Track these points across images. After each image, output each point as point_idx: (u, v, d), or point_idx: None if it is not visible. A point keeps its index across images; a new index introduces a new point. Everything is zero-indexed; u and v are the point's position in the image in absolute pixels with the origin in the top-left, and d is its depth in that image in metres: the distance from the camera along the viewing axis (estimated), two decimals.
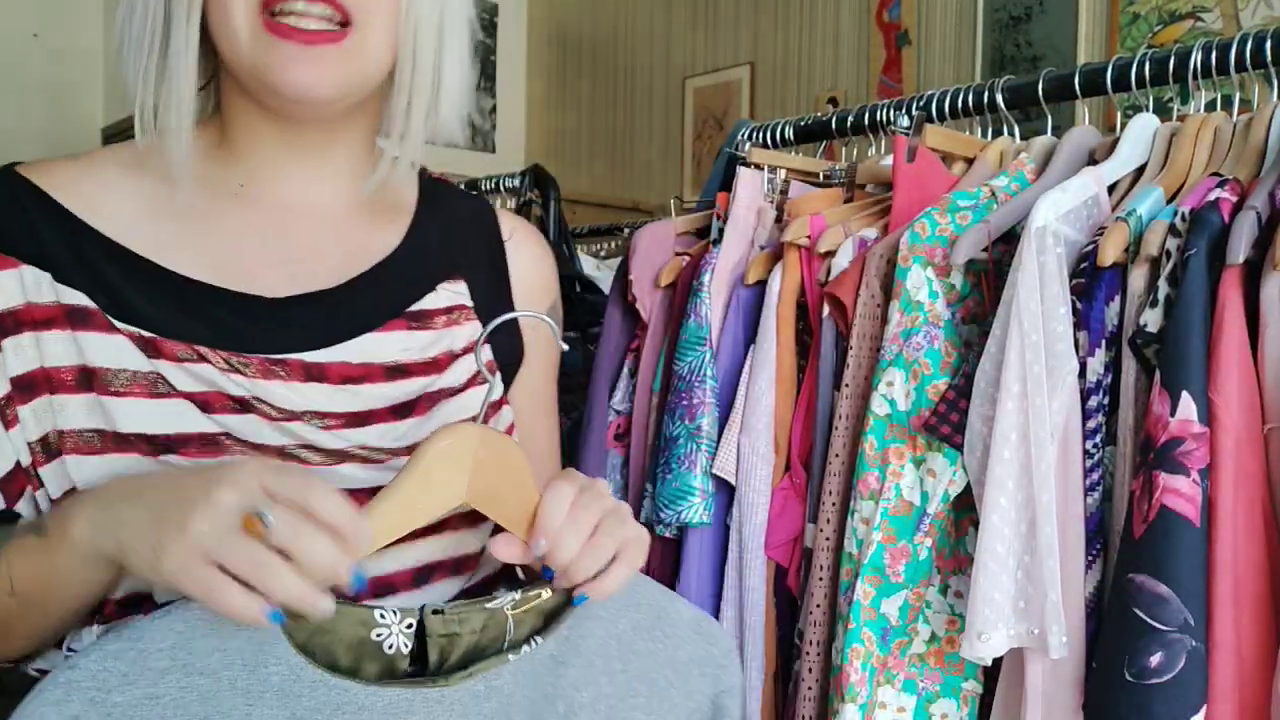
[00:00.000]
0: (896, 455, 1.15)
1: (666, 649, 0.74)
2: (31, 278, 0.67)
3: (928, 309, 1.17)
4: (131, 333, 0.67)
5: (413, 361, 0.75)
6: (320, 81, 0.68)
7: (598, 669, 0.70)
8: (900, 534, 1.14)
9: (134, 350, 0.67)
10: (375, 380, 0.73)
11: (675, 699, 0.74)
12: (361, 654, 0.64)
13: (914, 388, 1.15)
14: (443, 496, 0.66)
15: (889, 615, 1.14)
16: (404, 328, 0.75)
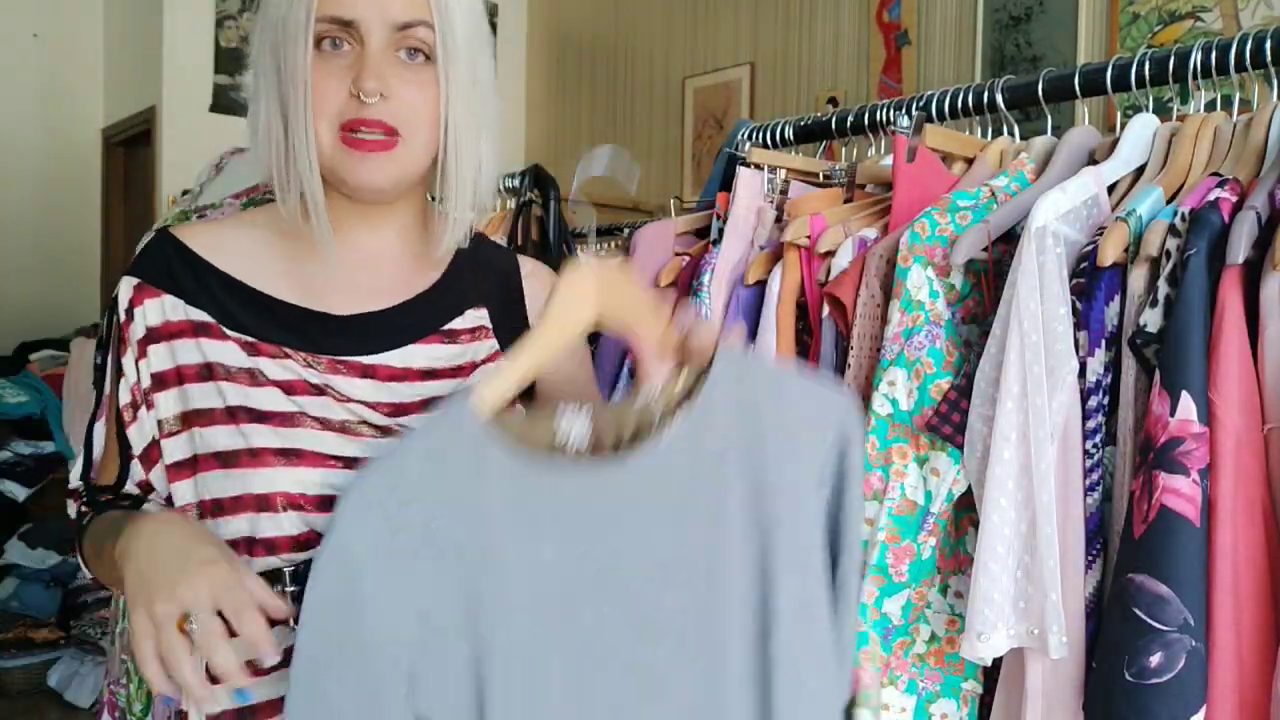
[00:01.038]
0: (900, 455, 1.15)
1: (788, 406, 0.89)
2: (170, 303, 0.96)
3: (929, 308, 1.17)
4: (238, 339, 0.95)
5: (442, 368, 1.00)
6: (382, 179, 0.95)
7: (730, 426, 0.87)
8: (904, 533, 1.14)
9: (239, 351, 0.95)
10: (412, 380, 0.98)
11: (803, 446, 0.88)
12: (552, 449, 0.89)
13: (916, 387, 1.15)
14: (576, 321, 0.90)
15: (891, 614, 1.14)
16: (438, 341, 1.01)
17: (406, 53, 0.94)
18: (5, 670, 3.49)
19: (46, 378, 3.97)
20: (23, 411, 3.82)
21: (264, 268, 0.99)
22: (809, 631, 0.87)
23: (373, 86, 0.91)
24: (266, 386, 0.94)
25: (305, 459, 0.93)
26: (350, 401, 0.96)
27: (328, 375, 0.96)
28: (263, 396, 0.94)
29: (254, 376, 0.94)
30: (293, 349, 0.96)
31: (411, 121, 0.94)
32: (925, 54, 3.32)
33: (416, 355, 1.00)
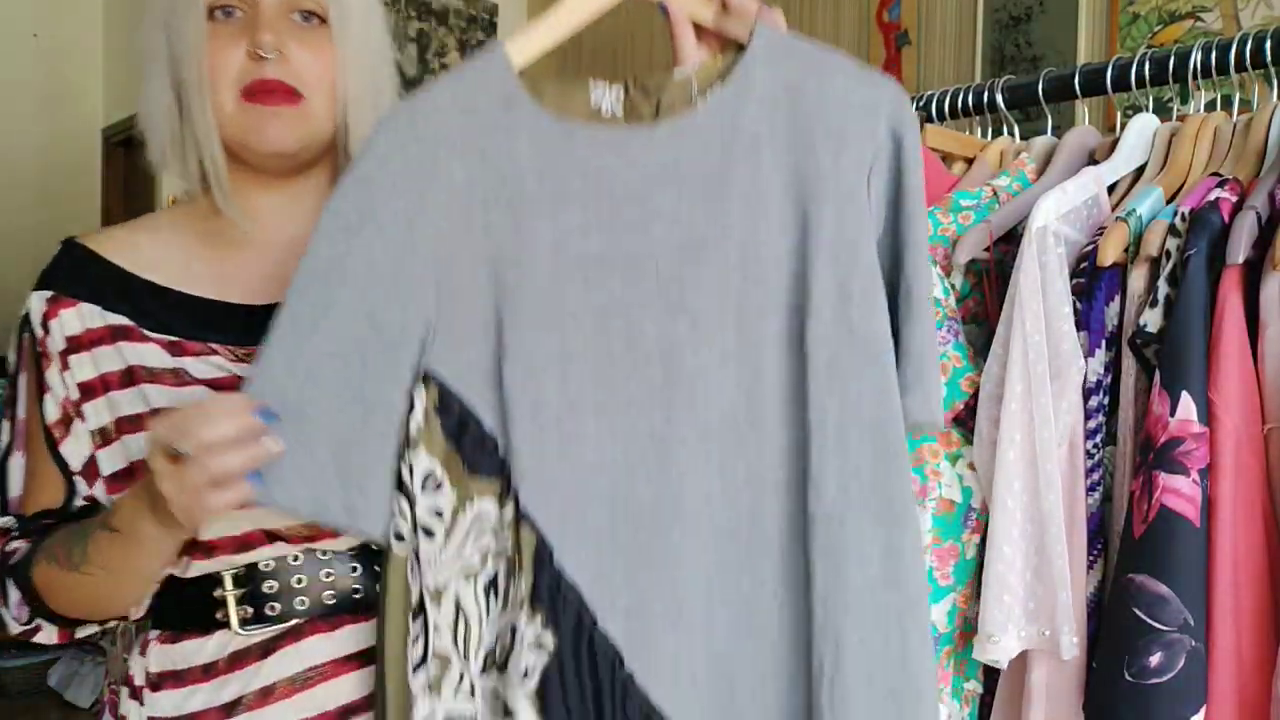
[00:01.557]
0: (931, 454, 1.12)
1: (834, 90, 0.83)
2: (87, 310, 0.93)
3: (943, 305, 1.16)
4: (160, 339, 0.92)
5: None
6: (289, 135, 0.93)
7: (770, 107, 0.83)
8: (945, 534, 1.11)
9: (162, 353, 0.92)
10: None
11: (851, 133, 0.83)
12: (583, 114, 0.85)
13: (944, 383, 1.13)
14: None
15: (936, 623, 1.11)
16: None
17: (300, 15, 0.93)
18: (5, 670, 3.49)
19: None
20: None
21: (180, 267, 0.97)
22: (852, 327, 0.81)
23: (268, 40, 0.90)
24: (192, 385, 0.91)
25: None
26: None
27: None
28: (189, 397, 0.90)
29: (179, 376, 0.91)
30: (219, 344, 0.94)
31: (311, 81, 0.93)
32: (925, 54, 3.32)
33: None
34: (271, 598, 0.91)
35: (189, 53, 0.92)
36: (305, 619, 0.92)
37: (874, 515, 0.80)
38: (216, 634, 0.91)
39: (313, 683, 0.91)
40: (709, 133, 0.83)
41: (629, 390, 0.81)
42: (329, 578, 0.92)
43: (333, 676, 0.92)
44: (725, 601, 0.82)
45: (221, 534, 0.89)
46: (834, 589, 0.79)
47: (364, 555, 0.93)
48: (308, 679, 0.91)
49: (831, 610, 0.79)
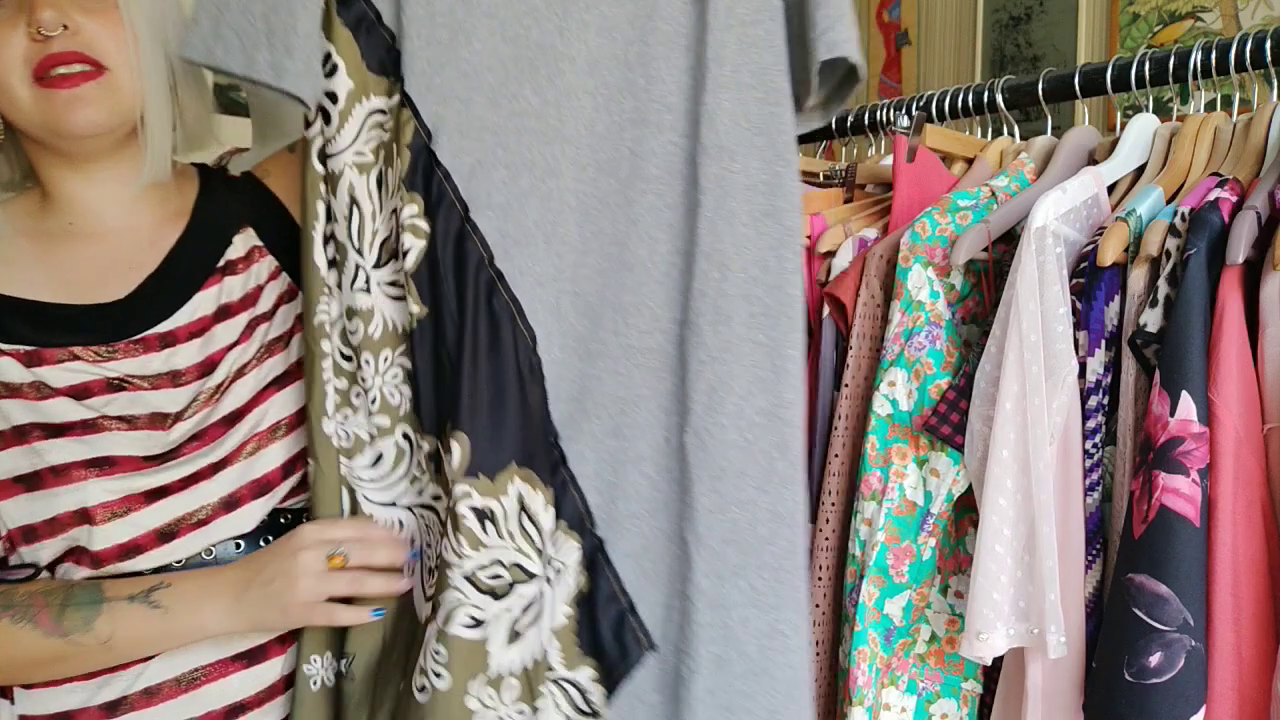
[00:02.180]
0: (899, 455, 1.15)
1: None
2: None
3: (929, 309, 1.17)
4: (14, 351, 0.88)
5: (233, 302, 0.95)
6: (91, 117, 0.88)
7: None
8: (904, 534, 1.14)
9: (17, 365, 0.88)
10: (209, 327, 0.93)
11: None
12: None
13: (916, 387, 1.15)
14: None
15: (892, 616, 1.14)
16: (218, 279, 0.95)
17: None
18: None
19: None
20: None
21: (17, 270, 0.92)
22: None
23: (50, 17, 0.84)
24: (55, 397, 0.87)
25: (120, 465, 0.87)
26: (159, 386, 0.91)
27: (125, 361, 0.90)
28: (53, 408, 0.87)
29: (39, 389, 0.87)
30: (80, 347, 0.90)
31: (109, 49, 0.87)
32: (925, 54, 3.32)
33: (205, 301, 0.94)
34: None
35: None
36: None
37: (759, 151, 0.81)
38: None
39: (199, 683, 0.90)
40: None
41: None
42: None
43: (220, 676, 0.90)
44: (598, 234, 0.83)
45: (110, 543, 0.86)
46: (720, 218, 0.80)
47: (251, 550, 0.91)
48: (194, 679, 0.89)
49: (718, 238, 0.80)
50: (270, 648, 0.92)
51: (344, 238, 0.86)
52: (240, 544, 0.91)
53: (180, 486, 0.89)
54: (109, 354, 0.90)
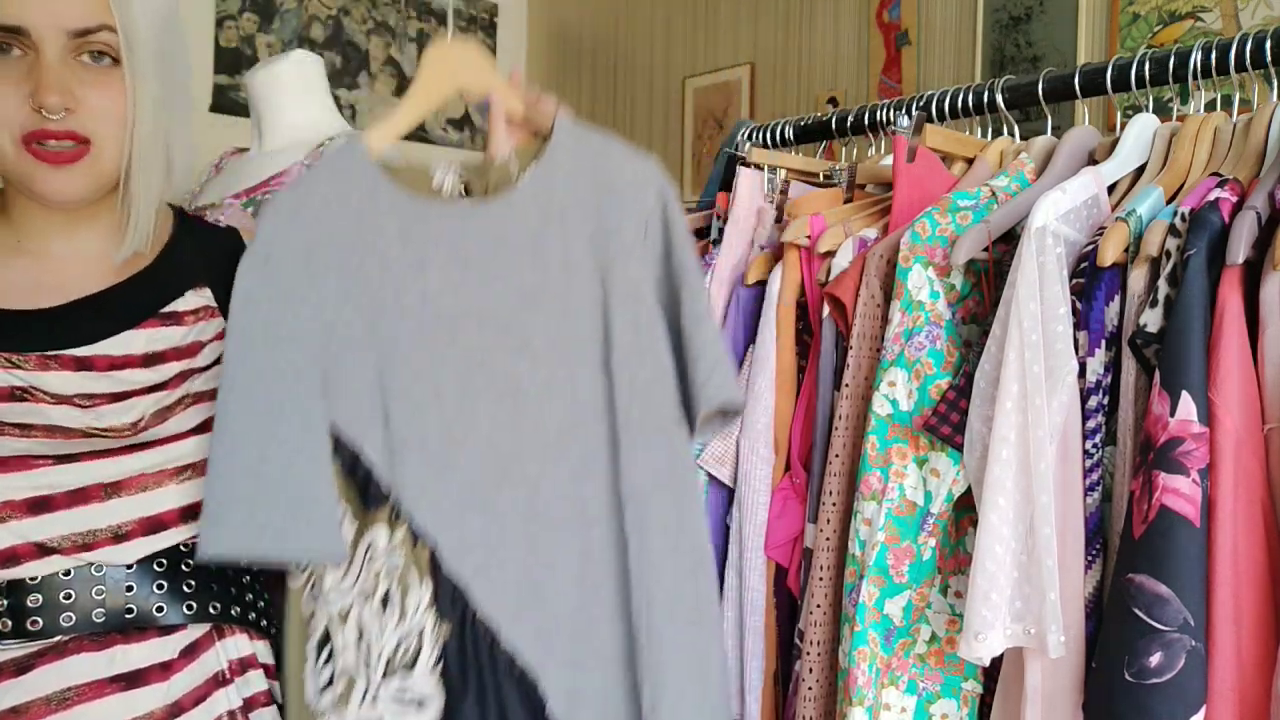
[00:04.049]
0: (899, 455, 1.15)
1: (615, 169, 1.06)
2: None
3: (929, 309, 1.17)
4: None
5: (167, 349, 0.96)
6: (75, 190, 0.90)
7: (571, 184, 1.04)
8: (904, 534, 1.14)
9: None
10: (134, 366, 0.94)
11: (629, 200, 1.05)
12: (428, 192, 1.03)
13: (916, 387, 1.15)
14: (444, 85, 1.06)
15: (892, 616, 1.14)
16: (158, 325, 0.96)
17: (91, 56, 0.88)
18: None
19: None
20: None
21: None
22: (645, 348, 1.02)
23: (55, 102, 0.85)
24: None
25: (6, 465, 0.87)
26: (64, 403, 0.90)
27: (36, 374, 0.90)
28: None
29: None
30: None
31: (102, 129, 0.89)
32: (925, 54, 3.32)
33: (136, 340, 0.94)
34: (35, 612, 0.87)
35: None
36: (71, 636, 0.88)
37: (671, 495, 1.01)
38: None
39: (71, 703, 0.87)
40: (529, 205, 1.03)
41: (490, 420, 0.99)
42: (99, 595, 0.88)
43: (95, 698, 0.87)
44: (574, 579, 1.00)
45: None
46: (641, 553, 0.99)
47: (142, 573, 0.90)
48: (65, 699, 0.87)
49: (643, 569, 0.99)
50: (151, 673, 0.90)
51: (351, 666, 0.96)
52: (132, 565, 0.91)
53: (66, 501, 0.88)
54: (19, 362, 0.90)
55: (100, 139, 0.89)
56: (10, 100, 0.86)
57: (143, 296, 0.97)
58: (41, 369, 0.90)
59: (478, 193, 1.05)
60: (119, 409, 0.92)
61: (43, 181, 0.89)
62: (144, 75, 0.90)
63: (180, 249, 1.03)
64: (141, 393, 0.93)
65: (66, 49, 0.86)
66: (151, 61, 0.90)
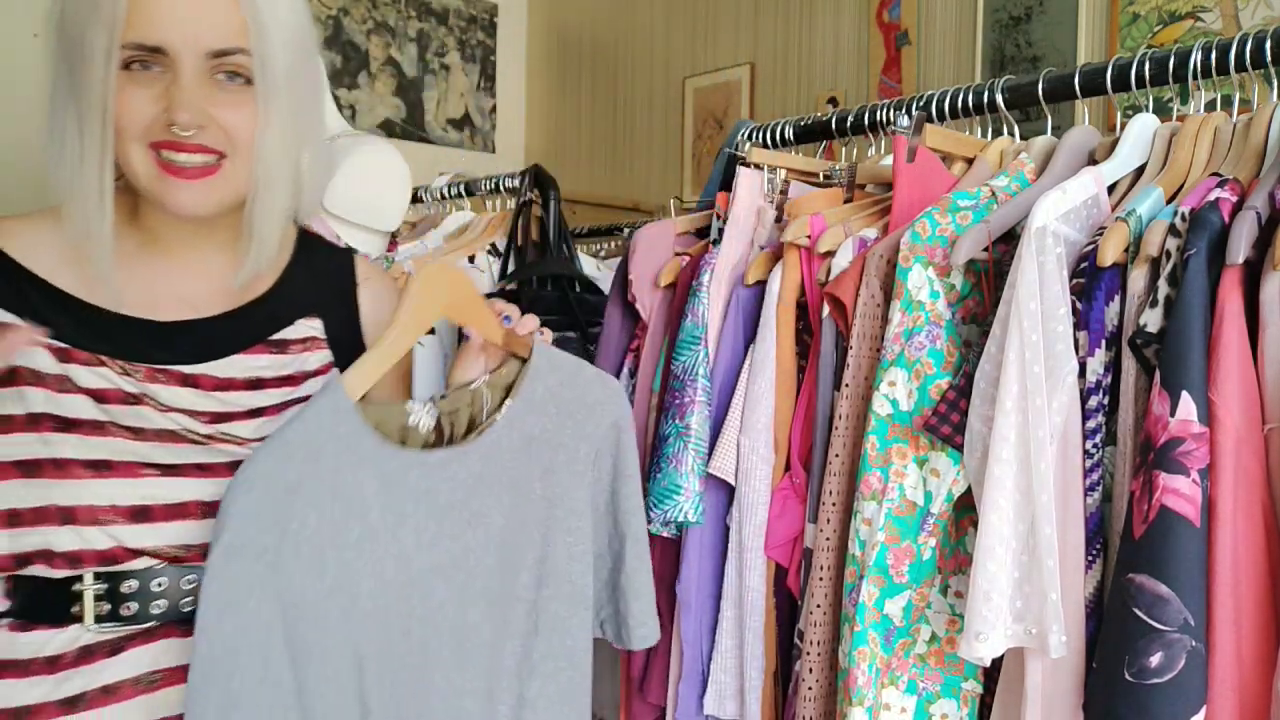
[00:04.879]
0: (899, 455, 1.15)
1: (580, 394, 1.07)
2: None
3: (929, 309, 1.16)
4: (50, 344, 0.91)
5: (269, 377, 1.00)
6: (203, 205, 0.92)
7: (541, 412, 1.05)
8: (904, 534, 1.14)
9: (48, 356, 0.91)
10: (237, 389, 0.97)
11: (588, 427, 1.07)
12: (405, 434, 1.01)
13: (916, 387, 1.15)
14: (429, 314, 1.03)
15: (892, 616, 1.14)
16: (264, 352, 1.00)
17: (225, 75, 0.91)
18: None
19: None
20: None
21: (79, 271, 0.95)
22: (572, 580, 1.05)
23: (187, 119, 0.88)
24: (75, 394, 0.90)
25: (115, 470, 0.90)
26: (171, 411, 0.93)
27: (145, 384, 0.93)
28: (70, 404, 0.90)
29: (63, 383, 0.90)
30: (108, 356, 0.93)
31: (231, 146, 0.91)
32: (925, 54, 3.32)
33: (240, 365, 0.98)
34: (129, 598, 0.91)
35: (95, 109, 0.88)
36: (160, 623, 0.91)
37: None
38: (69, 628, 0.90)
39: (158, 685, 0.91)
40: (505, 444, 1.03)
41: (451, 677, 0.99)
42: (189, 586, 0.92)
43: (181, 682, 0.91)
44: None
45: (88, 546, 0.89)
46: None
47: None
48: (153, 681, 0.91)
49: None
50: None
51: None
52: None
53: (165, 514, 0.92)
54: (132, 371, 0.93)
55: (232, 151, 0.92)
56: (147, 113, 0.88)
57: (254, 323, 1.01)
58: (150, 380, 0.93)
59: (452, 428, 1.04)
60: (222, 429, 0.96)
61: (173, 196, 0.91)
62: (275, 97, 0.92)
63: (297, 273, 1.05)
64: (244, 416, 0.96)
65: (203, 69, 0.89)
66: (284, 84, 0.92)
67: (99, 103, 0.87)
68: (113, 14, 0.86)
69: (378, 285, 1.12)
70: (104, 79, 0.87)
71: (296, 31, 0.94)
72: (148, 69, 0.88)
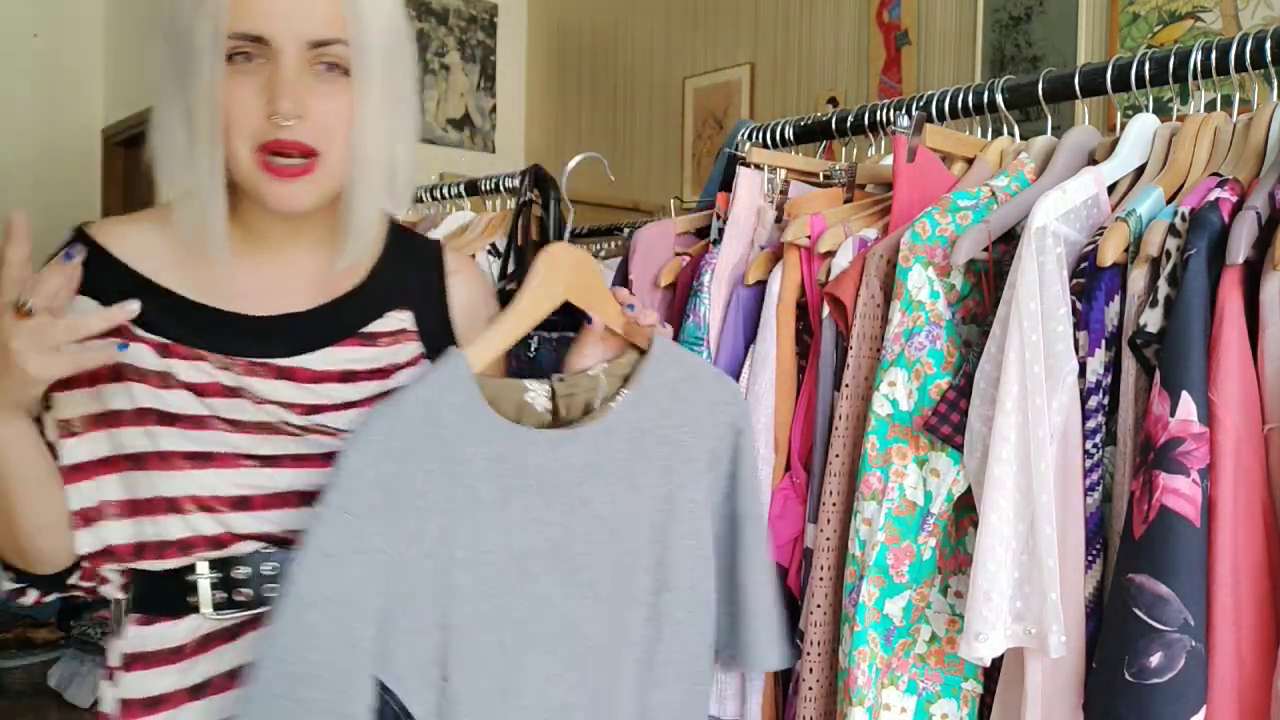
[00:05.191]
0: (899, 455, 1.14)
1: (700, 392, 1.06)
2: (83, 304, 0.92)
3: (929, 309, 1.16)
4: (151, 340, 0.95)
5: (362, 370, 1.01)
6: (301, 201, 0.95)
7: (658, 406, 1.04)
8: (904, 534, 1.14)
9: (151, 353, 0.94)
10: (330, 382, 1.00)
11: (706, 426, 1.05)
12: (521, 411, 1.01)
13: (917, 387, 1.15)
14: (552, 295, 1.03)
15: (893, 616, 1.14)
16: (356, 345, 1.02)
17: (324, 66, 0.93)
18: (5, 670, 3.49)
19: None
20: None
21: (180, 268, 0.98)
22: (694, 586, 1.02)
23: (289, 108, 0.90)
24: (177, 389, 0.94)
25: (216, 461, 0.93)
26: (267, 403, 0.96)
27: (243, 377, 0.96)
28: (173, 399, 0.94)
29: (165, 379, 0.94)
30: (207, 351, 0.96)
31: (328, 140, 0.93)
32: (925, 54, 3.32)
33: (335, 358, 1.00)
34: (242, 584, 0.94)
35: (202, 103, 0.91)
36: (274, 606, 0.93)
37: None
38: (188, 617, 0.95)
39: None
40: (619, 432, 1.01)
41: (547, 669, 0.97)
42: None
43: None
44: None
45: (197, 533, 0.93)
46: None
47: None
48: None
49: None
50: None
51: None
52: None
53: (265, 503, 0.95)
54: (230, 365, 0.96)
55: (326, 150, 0.94)
56: (248, 107, 0.91)
57: (346, 316, 1.03)
58: (248, 374, 0.97)
59: (567, 412, 1.02)
60: (317, 420, 0.98)
61: (273, 194, 0.93)
62: (371, 88, 0.94)
63: (388, 266, 1.07)
64: (338, 408, 0.99)
65: (303, 59, 0.91)
66: (380, 75, 0.94)
67: (207, 95, 0.90)
68: (217, 6, 0.88)
69: (467, 276, 1.13)
70: (211, 70, 0.89)
71: (393, 23, 0.96)
72: (250, 61, 0.91)
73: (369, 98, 0.94)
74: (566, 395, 1.03)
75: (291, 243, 1.02)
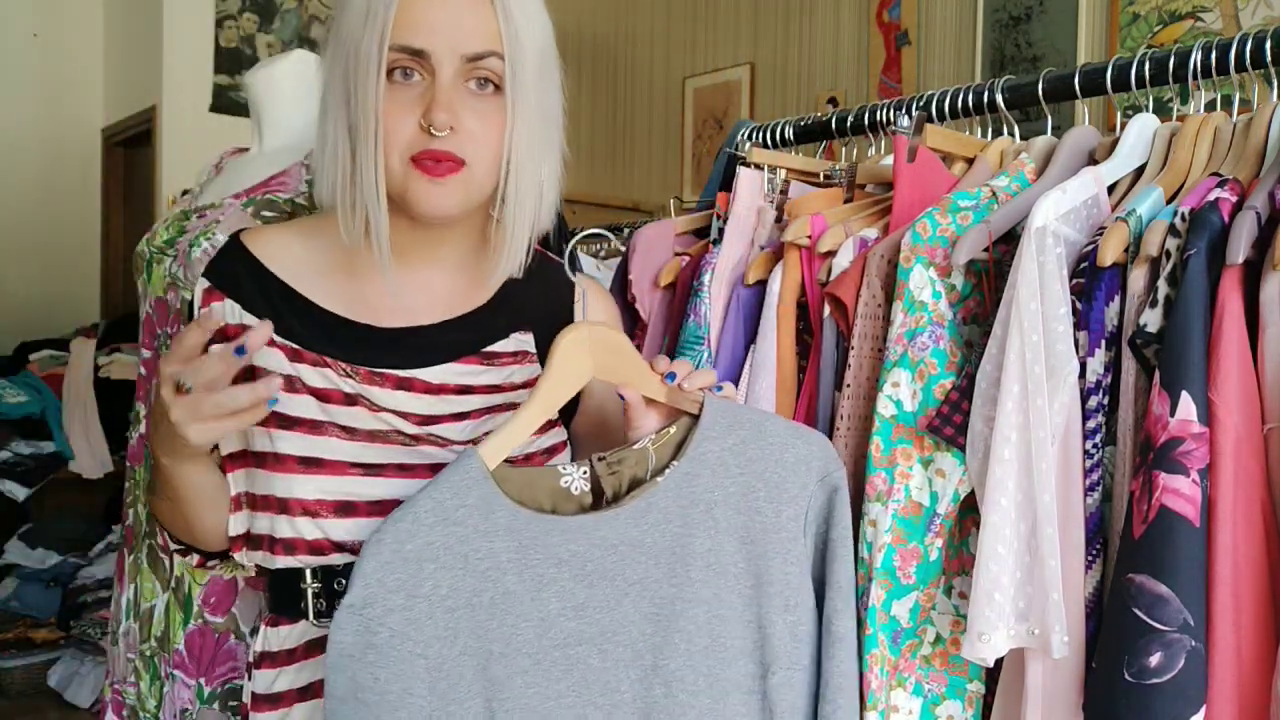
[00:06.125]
0: (904, 456, 1.14)
1: (773, 452, 0.98)
2: (230, 307, 1.01)
3: (931, 309, 1.16)
4: (284, 345, 1.00)
5: (479, 385, 1.05)
6: (448, 205, 0.97)
7: (720, 475, 0.97)
8: (910, 535, 1.13)
9: (283, 358, 1.00)
10: (447, 394, 1.03)
11: (789, 489, 0.98)
12: (556, 498, 0.95)
13: (920, 388, 1.15)
14: (575, 378, 0.97)
15: (899, 617, 1.14)
16: (476, 363, 1.05)
17: (477, 83, 0.96)
18: (5, 670, 3.49)
19: (46, 378, 3.96)
20: (22, 411, 3.82)
21: (319, 277, 1.04)
22: (801, 666, 0.97)
23: (443, 119, 0.93)
24: (302, 394, 0.99)
25: (325, 467, 0.98)
26: (383, 411, 1.00)
27: (363, 385, 1.00)
28: (296, 403, 0.98)
29: (293, 384, 0.98)
30: (332, 358, 1.00)
31: (478, 152, 0.96)
32: (925, 54, 3.32)
33: (453, 373, 1.03)
34: (341, 594, 0.96)
35: (367, 114, 0.94)
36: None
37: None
38: (299, 623, 1.01)
39: None
40: (669, 506, 0.95)
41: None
42: None
43: None
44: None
45: (299, 535, 0.99)
46: None
47: None
48: None
49: None
50: None
51: None
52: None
53: (367, 510, 0.99)
54: (352, 373, 1.00)
55: (474, 162, 0.96)
56: (405, 122, 0.95)
57: (470, 333, 1.06)
58: (368, 382, 1.00)
59: (612, 488, 0.97)
60: (430, 430, 1.01)
61: (422, 195, 0.96)
62: (523, 103, 0.97)
63: (515, 286, 1.09)
64: (451, 419, 1.02)
65: (459, 73, 0.95)
66: (531, 90, 0.97)
67: (371, 106, 0.94)
68: (383, 21, 0.93)
69: (593, 299, 1.13)
70: (375, 83, 0.93)
71: (545, 44, 1.00)
72: (409, 78, 0.95)
73: (521, 112, 0.97)
74: (611, 473, 0.97)
75: (427, 262, 1.05)
